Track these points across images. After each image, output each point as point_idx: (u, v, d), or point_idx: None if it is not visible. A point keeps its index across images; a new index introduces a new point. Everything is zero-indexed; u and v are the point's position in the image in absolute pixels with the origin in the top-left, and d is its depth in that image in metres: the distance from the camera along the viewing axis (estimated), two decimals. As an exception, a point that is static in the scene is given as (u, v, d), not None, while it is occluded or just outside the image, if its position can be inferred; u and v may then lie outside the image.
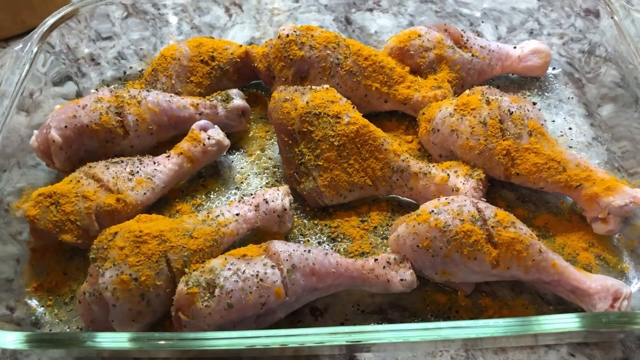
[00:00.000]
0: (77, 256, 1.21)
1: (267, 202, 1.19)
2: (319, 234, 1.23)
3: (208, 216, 1.16)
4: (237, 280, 1.00)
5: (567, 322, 0.93)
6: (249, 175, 1.36)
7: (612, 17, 1.43)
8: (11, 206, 1.23)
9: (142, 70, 1.60)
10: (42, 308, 1.14)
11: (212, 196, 1.32)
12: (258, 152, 1.40)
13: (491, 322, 0.95)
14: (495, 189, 1.29)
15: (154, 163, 1.26)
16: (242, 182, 1.34)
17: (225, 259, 1.04)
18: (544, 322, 0.93)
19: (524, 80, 1.54)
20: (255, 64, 1.44)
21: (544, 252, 1.06)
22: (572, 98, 1.50)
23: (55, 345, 0.97)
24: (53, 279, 1.18)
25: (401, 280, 1.08)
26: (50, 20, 1.46)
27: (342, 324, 1.10)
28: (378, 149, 1.23)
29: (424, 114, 1.35)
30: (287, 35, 1.38)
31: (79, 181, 1.18)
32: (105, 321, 1.04)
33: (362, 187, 1.24)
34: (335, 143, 1.22)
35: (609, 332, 1.03)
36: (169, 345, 0.93)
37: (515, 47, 1.51)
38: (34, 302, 1.15)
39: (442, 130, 1.27)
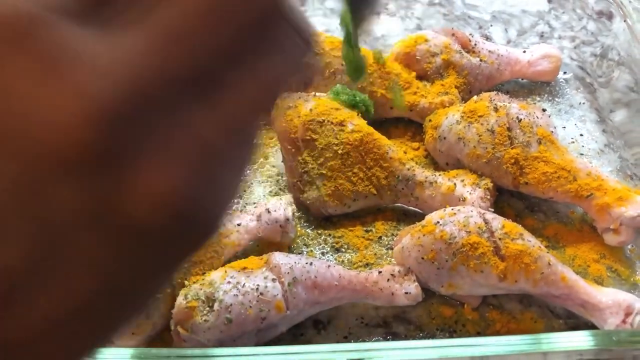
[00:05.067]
0: (77, 266, 1.19)
1: (269, 212, 1.16)
2: (322, 244, 1.21)
3: (209, 226, 1.14)
4: (236, 295, 0.98)
5: (578, 341, 0.90)
6: (252, 183, 1.33)
7: (625, 20, 1.39)
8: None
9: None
10: (42, 319, 1.13)
11: (214, 205, 1.30)
12: (261, 159, 1.38)
13: (502, 339, 0.92)
14: (503, 198, 1.25)
15: (156, 171, 1.24)
16: (244, 191, 1.32)
17: (225, 271, 1.02)
18: (554, 341, 0.90)
19: (534, 85, 1.51)
20: (259, 70, 1.42)
21: (553, 265, 1.03)
22: (584, 103, 1.46)
23: None
24: (53, 290, 1.16)
25: (406, 293, 1.05)
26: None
27: (345, 338, 1.08)
28: (383, 157, 1.21)
29: (430, 120, 1.31)
30: (291, 41, 1.35)
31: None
32: (104, 334, 1.02)
33: (367, 196, 1.21)
34: (339, 151, 1.19)
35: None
36: (167, 360, 0.91)
37: (524, 52, 1.47)
38: (33, 314, 1.13)
39: (449, 138, 1.24)
